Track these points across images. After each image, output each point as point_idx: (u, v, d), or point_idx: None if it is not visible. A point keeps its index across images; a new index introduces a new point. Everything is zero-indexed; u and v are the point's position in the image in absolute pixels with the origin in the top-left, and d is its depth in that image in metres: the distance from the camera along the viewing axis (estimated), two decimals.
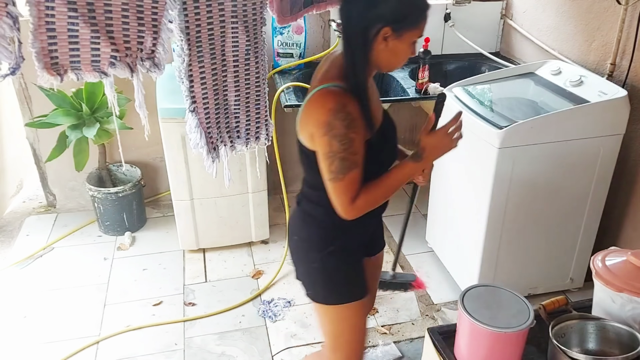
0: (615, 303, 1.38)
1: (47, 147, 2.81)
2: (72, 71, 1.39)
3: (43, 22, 1.30)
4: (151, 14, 1.44)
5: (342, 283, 1.53)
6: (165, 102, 2.47)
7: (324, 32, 2.98)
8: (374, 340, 2.30)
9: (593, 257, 1.47)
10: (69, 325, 2.38)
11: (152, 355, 2.24)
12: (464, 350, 1.40)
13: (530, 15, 2.87)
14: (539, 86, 2.39)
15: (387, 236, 2.99)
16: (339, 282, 1.53)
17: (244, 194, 2.73)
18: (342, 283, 1.53)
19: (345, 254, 1.51)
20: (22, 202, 3.29)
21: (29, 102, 2.87)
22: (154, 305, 2.50)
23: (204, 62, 1.64)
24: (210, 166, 1.80)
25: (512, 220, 2.24)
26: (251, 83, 1.78)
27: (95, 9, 1.35)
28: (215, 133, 1.78)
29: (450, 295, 2.57)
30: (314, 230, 1.51)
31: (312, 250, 1.50)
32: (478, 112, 2.22)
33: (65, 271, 2.71)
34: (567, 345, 1.33)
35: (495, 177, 2.13)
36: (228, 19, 1.61)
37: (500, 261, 2.33)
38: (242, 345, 2.29)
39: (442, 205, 2.60)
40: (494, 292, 1.43)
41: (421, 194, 3.37)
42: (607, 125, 2.16)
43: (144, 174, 3.09)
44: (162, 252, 2.86)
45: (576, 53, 2.54)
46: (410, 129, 3.39)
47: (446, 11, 3.02)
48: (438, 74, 2.92)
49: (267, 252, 2.86)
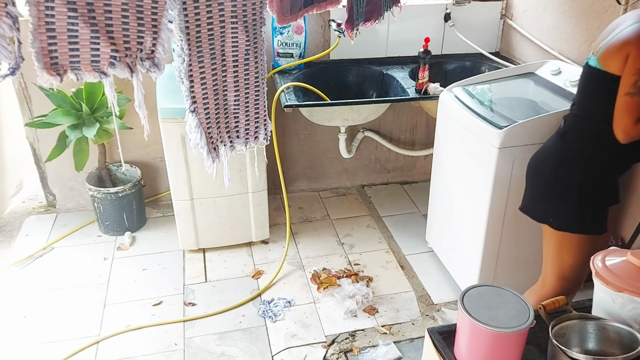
0: (615, 303, 1.38)
1: (47, 147, 2.81)
2: (72, 71, 1.39)
3: (43, 22, 1.30)
4: (151, 14, 1.43)
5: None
6: (165, 102, 2.47)
7: (324, 32, 2.98)
8: (374, 341, 2.30)
9: (593, 257, 1.47)
10: (68, 325, 2.38)
11: (152, 355, 2.24)
12: (464, 351, 1.40)
13: (530, 15, 2.87)
14: (539, 86, 2.40)
15: (387, 236, 3.00)
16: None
17: (244, 194, 2.73)
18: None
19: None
20: (22, 202, 3.29)
21: (29, 102, 2.87)
22: (154, 305, 2.50)
23: (204, 62, 1.64)
24: (210, 166, 1.80)
25: (512, 220, 2.24)
26: (250, 83, 1.78)
27: (95, 9, 1.35)
28: (215, 133, 1.78)
29: (450, 295, 2.58)
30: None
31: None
32: (478, 112, 2.22)
33: (65, 271, 2.71)
34: (567, 345, 1.33)
35: (495, 177, 2.13)
36: (228, 19, 1.61)
37: (500, 261, 2.33)
38: (242, 345, 2.29)
39: (442, 205, 2.60)
40: (494, 292, 1.43)
41: (421, 194, 3.39)
42: None
43: (144, 173, 3.09)
44: (162, 252, 2.86)
45: (576, 53, 2.54)
46: (410, 129, 3.39)
47: (446, 11, 3.02)
48: (438, 74, 2.92)
49: (267, 252, 2.86)
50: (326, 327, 2.38)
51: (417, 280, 2.68)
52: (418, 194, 3.40)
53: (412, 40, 2.95)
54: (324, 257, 2.70)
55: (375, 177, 3.52)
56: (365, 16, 2.12)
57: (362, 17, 2.10)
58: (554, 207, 1.84)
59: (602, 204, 1.81)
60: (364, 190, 3.47)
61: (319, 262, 2.76)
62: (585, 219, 1.79)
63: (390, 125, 3.35)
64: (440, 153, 2.55)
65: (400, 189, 3.49)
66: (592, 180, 1.76)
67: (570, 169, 1.77)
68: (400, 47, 3.06)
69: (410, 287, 2.63)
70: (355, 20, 2.07)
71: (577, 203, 1.78)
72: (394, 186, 3.52)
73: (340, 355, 2.24)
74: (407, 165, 3.53)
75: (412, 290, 2.60)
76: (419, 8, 3.00)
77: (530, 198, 1.94)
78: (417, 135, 3.42)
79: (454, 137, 2.39)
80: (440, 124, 2.52)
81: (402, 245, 2.93)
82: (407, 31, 3.00)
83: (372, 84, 2.98)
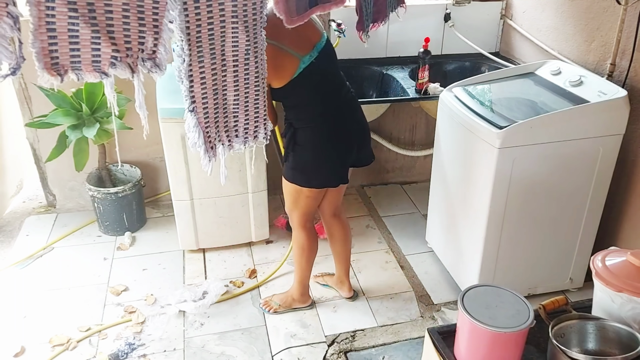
0: (615, 303, 1.38)
1: (47, 147, 2.82)
2: (73, 71, 1.39)
3: (43, 22, 1.30)
4: (152, 14, 1.43)
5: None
6: (165, 102, 2.47)
7: None
8: (374, 341, 2.30)
9: (593, 257, 1.47)
10: (68, 325, 2.38)
11: (152, 355, 2.24)
12: (463, 350, 1.41)
13: (530, 15, 2.87)
14: (538, 86, 2.40)
15: (386, 236, 3.00)
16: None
17: (243, 194, 2.73)
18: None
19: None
20: (22, 202, 3.29)
21: (29, 102, 2.87)
22: (154, 305, 2.50)
23: (204, 62, 1.64)
24: (206, 165, 1.80)
25: (512, 220, 2.24)
26: (250, 82, 1.78)
27: (96, 9, 1.35)
28: (214, 132, 1.78)
29: (450, 295, 2.58)
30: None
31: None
32: (478, 112, 2.22)
33: (65, 271, 2.71)
34: (567, 345, 1.33)
35: (495, 177, 2.13)
36: (228, 19, 1.61)
37: (500, 261, 2.33)
38: (242, 345, 2.29)
39: (442, 205, 2.60)
40: (494, 292, 1.43)
41: (421, 194, 3.39)
42: (607, 125, 2.17)
43: (144, 174, 3.09)
44: (162, 252, 2.87)
45: (576, 53, 2.54)
46: (410, 129, 3.39)
47: (446, 11, 3.02)
48: (438, 74, 2.92)
49: (267, 252, 2.86)
50: (326, 327, 2.38)
51: (417, 280, 2.68)
52: (418, 194, 3.40)
53: (412, 40, 2.95)
54: (324, 257, 2.70)
55: (375, 177, 3.52)
56: (372, 17, 2.12)
57: (371, 18, 2.10)
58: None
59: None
60: (363, 191, 3.47)
61: (319, 262, 2.75)
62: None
63: (390, 125, 3.35)
64: (440, 153, 2.55)
65: (400, 189, 3.49)
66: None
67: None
68: (400, 47, 3.06)
69: (410, 287, 2.63)
70: (365, 21, 2.07)
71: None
72: (393, 186, 3.52)
73: (340, 355, 2.24)
74: (407, 166, 3.53)
75: (412, 290, 2.60)
76: (419, 8, 3.01)
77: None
78: (417, 135, 3.43)
79: (454, 137, 2.39)
80: (440, 124, 2.52)
81: (402, 245, 2.93)
82: (407, 31, 3.00)
83: (372, 84, 2.98)
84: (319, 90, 2.01)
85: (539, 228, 2.32)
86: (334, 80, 2.07)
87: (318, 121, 2.03)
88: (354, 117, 2.13)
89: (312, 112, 2.02)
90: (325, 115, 2.04)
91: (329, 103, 2.04)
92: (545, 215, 2.29)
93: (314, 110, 2.02)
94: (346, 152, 2.12)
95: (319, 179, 2.13)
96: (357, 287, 2.61)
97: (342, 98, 2.09)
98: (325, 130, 2.05)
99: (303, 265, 2.36)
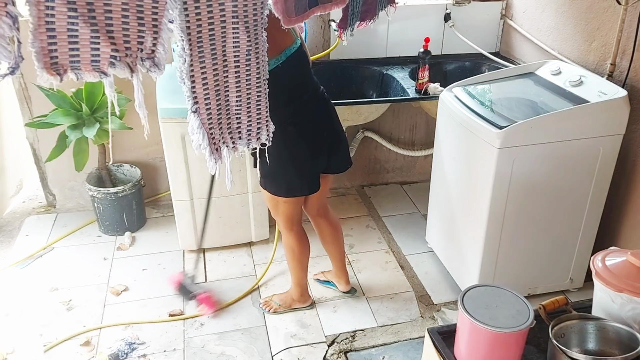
0: (615, 303, 1.38)
1: (47, 147, 2.81)
2: (72, 71, 1.38)
3: (43, 21, 1.30)
4: (151, 14, 1.43)
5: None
6: (165, 102, 2.47)
7: (323, 32, 2.98)
8: (374, 341, 2.30)
9: (593, 257, 1.47)
10: (68, 325, 2.38)
11: (152, 355, 2.24)
12: (463, 350, 1.40)
13: (530, 15, 2.87)
14: (538, 86, 2.40)
15: (386, 236, 3.00)
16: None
17: (244, 194, 2.73)
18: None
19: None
20: (22, 202, 3.29)
21: (29, 102, 2.87)
22: (154, 305, 2.50)
23: (205, 62, 1.63)
24: (212, 167, 1.79)
25: (512, 220, 2.24)
26: (252, 83, 1.78)
27: (95, 9, 1.35)
28: (218, 134, 1.78)
29: (450, 295, 2.58)
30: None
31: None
32: (478, 112, 2.22)
33: (65, 271, 2.71)
34: (567, 345, 1.33)
35: (495, 177, 2.13)
36: (229, 19, 1.61)
37: (500, 261, 2.33)
38: (242, 345, 2.29)
39: (442, 206, 2.60)
40: (494, 292, 1.43)
41: (421, 194, 3.39)
42: (607, 125, 2.16)
43: (144, 174, 3.09)
44: (161, 252, 2.86)
45: (576, 53, 2.54)
46: (410, 129, 3.39)
47: (446, 11, 3.02)
48: (438, 74, 2.92)
49: (267, 252, 2.86)
50: (326, 327, 2.38)
51: (417, 280, 2.68)
52: (418, 194, 3.40)
53: (412, 40, 2.95)
54: (324, 256, 2.70)
55: (374, 177, 3.52)
56: (360, 16, 2.10)
57: (357, 17, 2.09)
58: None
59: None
60: (363, 191, 3.46)
61: (319, 262, 2.75)
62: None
63: (390, 125, 3.35)
64: (440, 153, 2.55)
65: (400, 189, 3.49)
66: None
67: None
68: (400, 47, 3.06)
69: (410, 287, 2.63)
70: (350, 20, 2.06)
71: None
72: (393, 186, 3.52)
73: (340, 355, 2.24)
74: (407, 166, 3.53)
75: (412, 290, 2.60)
76: (419, 8, 3.01)
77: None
78: (416, 135, 3.43)
79: (454, 137, 2.39)
80: (440, 124, 2.52)
81: (402, 245, 2.93)
82: (407, 31, 3.00)
83: (372, 84, 2.98)
84: (285, 96, 1.96)
85: (539, 228, 2.31)
86: (303, 86, 2.02)
87: (282, 127, 1.91)
88: (324, 122, 2.09)
89: (277, 118, 1.90)
90: (292, 121, 1.99)
91: (295, 109, 2.00)
92: (545, 215, 2.28)
93: (279, 115, 1.91)
94: (314, 158, 2.08)
95: (287, 187, 2.10)
96: (357, 287, 2.61)
97: (311, 104, 2.04)
98: (290, 136, 2.00)
99: (296, 267, 2.35)
